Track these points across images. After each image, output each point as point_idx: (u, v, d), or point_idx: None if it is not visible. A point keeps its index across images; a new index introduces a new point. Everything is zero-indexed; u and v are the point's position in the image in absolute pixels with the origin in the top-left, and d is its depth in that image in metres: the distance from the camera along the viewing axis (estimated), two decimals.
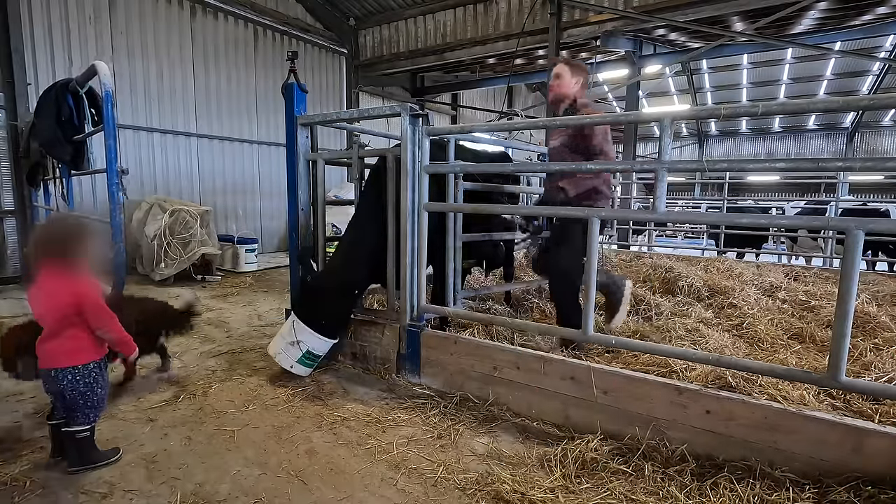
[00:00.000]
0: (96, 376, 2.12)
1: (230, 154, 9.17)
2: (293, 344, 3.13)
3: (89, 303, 2.05)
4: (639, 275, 5.31)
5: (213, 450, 2.36)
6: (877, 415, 2.26)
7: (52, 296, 2.02)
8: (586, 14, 8.16)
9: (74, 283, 2.03)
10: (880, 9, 7.86)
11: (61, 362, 2.05)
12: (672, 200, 11.98)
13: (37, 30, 6.51)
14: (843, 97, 3.88)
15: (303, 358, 3.16)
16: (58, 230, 2.13)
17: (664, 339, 3.44)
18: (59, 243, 2.04)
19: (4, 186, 6.36)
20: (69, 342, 2.06)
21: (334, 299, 3.20)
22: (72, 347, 2.06)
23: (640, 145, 21.18)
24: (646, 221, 9.81)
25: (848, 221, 1.94)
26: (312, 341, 3.13)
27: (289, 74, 4.22)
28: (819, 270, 6.17)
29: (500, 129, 3.57)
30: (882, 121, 20.19)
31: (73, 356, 2.07)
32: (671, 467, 2.12)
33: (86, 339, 2.09)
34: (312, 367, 3.25)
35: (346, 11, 10.73)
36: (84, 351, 2.09)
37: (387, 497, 2.02)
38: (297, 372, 3.18)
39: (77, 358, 2.07)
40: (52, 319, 2.04)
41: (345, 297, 3.26)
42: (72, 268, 2.04)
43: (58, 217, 2.07)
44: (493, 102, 15.73)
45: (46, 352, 2.07)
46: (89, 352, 2.11)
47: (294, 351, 3.14)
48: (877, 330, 3.59)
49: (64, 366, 2.05)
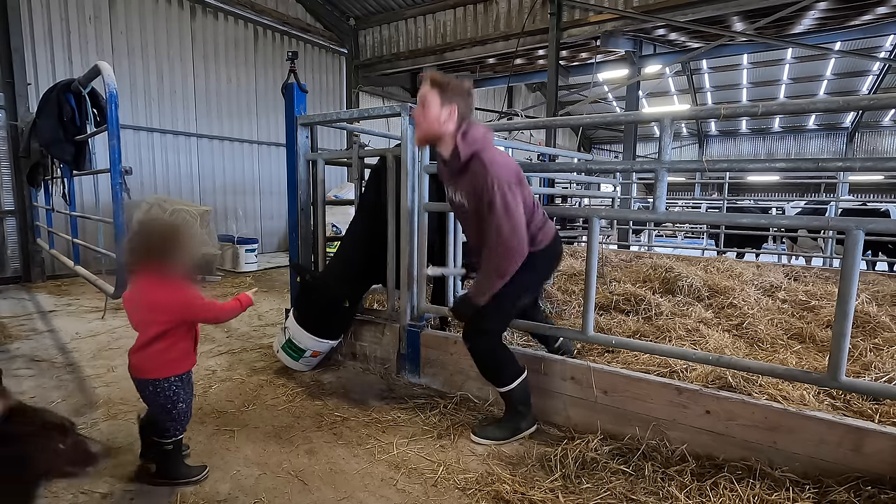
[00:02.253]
0: (177, 389, 2.01)
1: (230, 154, 9.17)
2: (283, 330, 3.30)
3: (197, 305, 2.00)
4: (639, 275, 5.31)
5: (213, 450, 2.36)
6: (877, 415, 2.26)
7: (156, 303, 1.93)
8: (586, 14, 8.16)
9: (178, 290, 1.95)
10: (880, 9, 7.85)
11: (144, 373, 1.99)
12: (672, 200, 11.96)
13: (37, 30, 6.50)
14: (843, 97, 3.87)
15: (286, 346, 3.25)
16: (156, 233, 2.02)
17: (664, 339, 3.44)
18: (157, 247, 1.93)
19: (4, 186, 6.36)
20: (156, 355, 1.97)
21: (325, 313, 3.23)
22: (157, 360, 1.98)
23: (640, 145, 21.19)
24: (646, 221, 9.82)
25: (848, 221, 1.94)
26: (298, 335, 3.21)
27: (289, 74, 4.22)
28: (819, 270, 6.17)
29: (500, 129, 3.56)
30: (882, 121, 20.18)
31: (156, 369, 1.98)
32: (671, 467, 2.12)
33: (175, 350, 2.00)
34: (297, 359, 3.29)
35: (346, 11, 10.73)
36: (168, 365, 2.00)
37: (387, 497, 2.02)
38: (283, 360, 3.32)
39: (159, 371, 1.98)
40: (152, 328, 1.95)
41: (336, 311, 3.24)
42: (171, 272, 1.95)
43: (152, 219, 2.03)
44: (493, 102, 15.73)
45: (134, 362, 2.00)
46: (173, 366, 2.01)
47: (280, 336, 3.32)
48: (877, 330, 3.59)
49: (145, 377, 1.99)
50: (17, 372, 3.30)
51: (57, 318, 4.69)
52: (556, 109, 8.54)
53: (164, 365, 1.99)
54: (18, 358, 3.57)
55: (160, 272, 1.93)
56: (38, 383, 3.12)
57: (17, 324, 4.49)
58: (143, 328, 1.97)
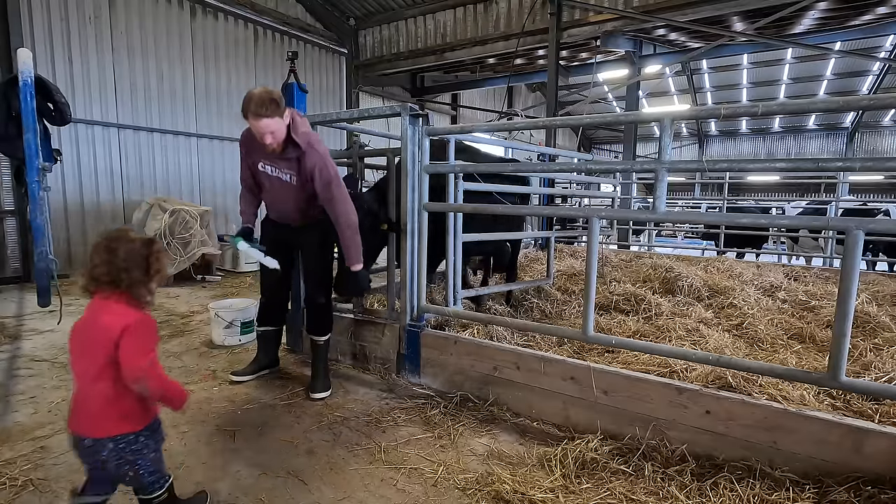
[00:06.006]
0: (145, 441, 1.62)
1: (230, 154, 9.15)
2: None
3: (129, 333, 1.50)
4: (639, 275, 5.31)
5: (213, 450, 2.36)
6: (877, 415, 2.26)
7: (95, 334, 1.53)
8: (586, 14, 8.16)
9: (124, 313, 1.54)
10: (880, 9, 7.86)
11: (95, 429, 1.55)
12: (672, 200, 11.97)
13: (37, 30, 6.50)
14: (843, 97, 3.88)
15: None
16: (124, 251, 1.57)
17: (664, 339, 3.44)
18: (124, 268, 1.55)
19: (4, 186, 6.36)
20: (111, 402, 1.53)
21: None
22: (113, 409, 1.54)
23: (640, 145, 21.20)
24: (646, 221, 9.82)
25: (848, 221, 1.94)
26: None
27: (289, 74, 4.21)
28: (819, 270, 6.17)
29: (500, 129, 3.56)
30: (882, 121, 20.19)
31: (112, 420, 1.55)
32: (671, 467, 2.12)
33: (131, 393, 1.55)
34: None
35: (346, 11, 10.73)
36: (128, 415, 1.58)
37: (387, 497, 2.02)
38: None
39: (118, 423, 1.56)
40: (92, 366, 1.53)
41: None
42: (134, 299, 1.57)
43: (121, 233, 1.62)
44: (493, 102, 15.72)
45: (78, 414, 1.57)
46: (135, 414, 1.59)
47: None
48: (877, 330, 3.59)
49: (97, 435, 1.54)
50: (17, 372, 3.30)
51: (57, 317, 4.68)
52: (556, 109, 8.54)
53: (125, 414, 1.57)
54: (18, 358, 3.57)
55: (121, 298, 1.55)
56: (39, 383, 3.12)
57: (17, 324, 4.49)
58: (87, 365, 1.54)
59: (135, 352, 1.50)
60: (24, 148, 3.31)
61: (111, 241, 1.58)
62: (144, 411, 1.62)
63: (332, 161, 2.87)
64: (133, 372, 1.49)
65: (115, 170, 7.44)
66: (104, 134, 7.26)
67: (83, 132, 6.99)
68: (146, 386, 1.51)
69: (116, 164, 7.45)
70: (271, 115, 2.59)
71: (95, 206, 7.22)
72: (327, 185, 2.79)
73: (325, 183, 2.79)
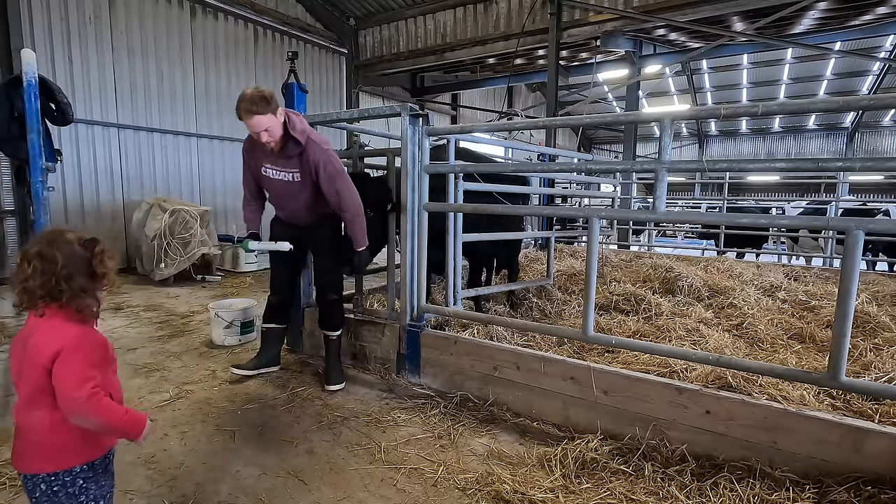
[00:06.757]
0: (85, 485, 1.34)
1: (230, 154, 9.15)
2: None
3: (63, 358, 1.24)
4: (639, 275, 5.31)
5: (213, 450, 2.36)
6: (877, 415, 2.26)
7: (27, 357, 1.28)
8: (586, 14, 8.16)
9: (56, 334, 1.28)
10: (880, 9, 7.86)
11: (30, 463, 1.31)
12: (672, 200, 11.97)
13: (37, 30, 6.49)
14: (843, 97, 3.88)
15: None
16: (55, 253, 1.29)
17: (664, 339, 3.44)
18: (64, 277, 1.29)
19: (4, 186, 6.36)
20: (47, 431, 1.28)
21: None
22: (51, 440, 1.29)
23: (640, 145, 21.18)
24: (646, 221, 9.82)
25: (848, 221, 1.94)
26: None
27: (289, 74, 4.21)
28: (819, 270, 6.17)
29: (500, 129, 3.56)
30: (882, 121, 20.18)
31: (47, 455, 1.30)
32: (671, 467, 2.12)
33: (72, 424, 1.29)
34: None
35: (346, 11, 10.73)
36: (67, 448, 1.31)
37: (387, 497, 2.02)
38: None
39: (55, 458, 1.30)
40: (25, 391, 1.29)
41: None
42: (68, 309, 1.31)
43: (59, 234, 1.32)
44: (493, 102, 15.72)
45: (18, 443, 1.33)
46: (74, 448, 1.32)
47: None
48: (877, 330, 3.59)
49: (31, 470, 1.31)
50: None
51: None
52: (556, 109, 8.54)
53: (61, 448, 1.30)
54: None
55: (58, 312, 1.31)
56: None
57: (17, 324, 4.49)
58: (23, 390, 1.30)
59: (70, 380, 1.24)
60: (28, 148, 3.29)
61: (45, 245, 1.29)
62: (90, 445, 1.35)
63: (336, 156, 2.91)
64: (68, 404, 1.24)
65: (115, 170, 7.44)
66: (104, 134, 7.26)
67: (83, 132, 6.98)
68: (86, 419, 1.27)
69: (116, 164, 7.45)
70: (262, 111, 2.64)
71: (95, 206, 7.22)
72: (332, 178, 2.84)
73: (330, 177, 2.84)
